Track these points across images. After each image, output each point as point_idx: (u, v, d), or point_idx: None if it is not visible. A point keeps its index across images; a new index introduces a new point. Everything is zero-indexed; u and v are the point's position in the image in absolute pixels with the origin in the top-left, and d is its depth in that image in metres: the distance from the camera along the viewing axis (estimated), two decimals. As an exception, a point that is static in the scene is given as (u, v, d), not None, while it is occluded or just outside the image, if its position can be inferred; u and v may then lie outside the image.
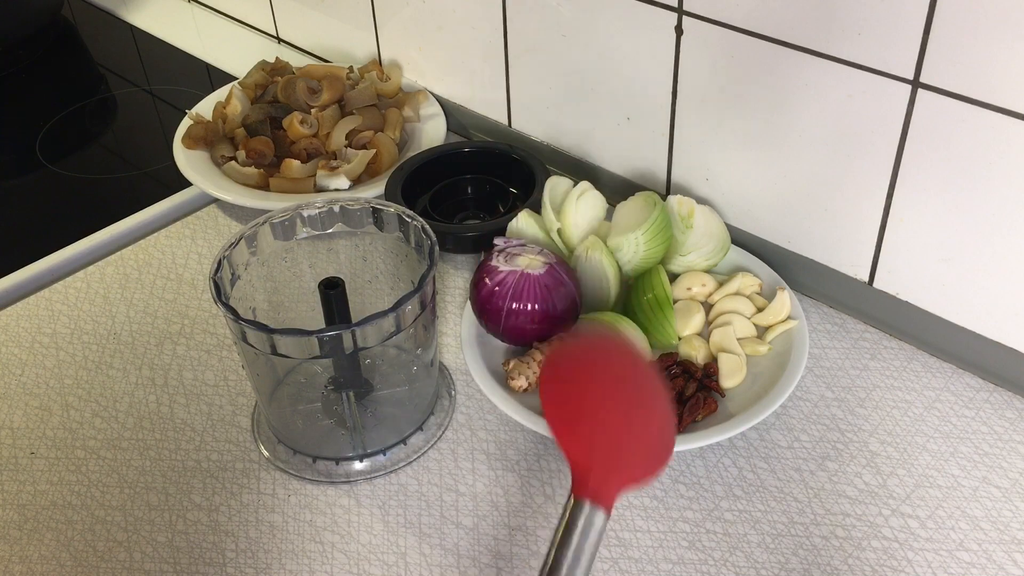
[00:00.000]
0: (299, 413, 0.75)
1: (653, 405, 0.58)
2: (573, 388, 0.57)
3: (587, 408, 0.55)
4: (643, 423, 0.57)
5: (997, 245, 0.70)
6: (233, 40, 1.28)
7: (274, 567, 0.65)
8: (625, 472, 0.54)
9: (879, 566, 0.64)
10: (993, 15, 0.63)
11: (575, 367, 0.59)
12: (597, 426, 0.55)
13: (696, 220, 0.82)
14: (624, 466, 0.54)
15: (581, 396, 0.56)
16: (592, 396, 0.56)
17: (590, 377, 0.58)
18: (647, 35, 0.82)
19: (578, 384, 0.57)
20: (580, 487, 0.52)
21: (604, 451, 0.54)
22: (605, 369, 0.59)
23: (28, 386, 0.79)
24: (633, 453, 0.55)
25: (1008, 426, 0.72)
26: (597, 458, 0.53)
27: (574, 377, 0.58)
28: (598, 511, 0.52)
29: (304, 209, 0.73)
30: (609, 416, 0.55)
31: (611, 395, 0.57)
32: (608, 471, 0.53)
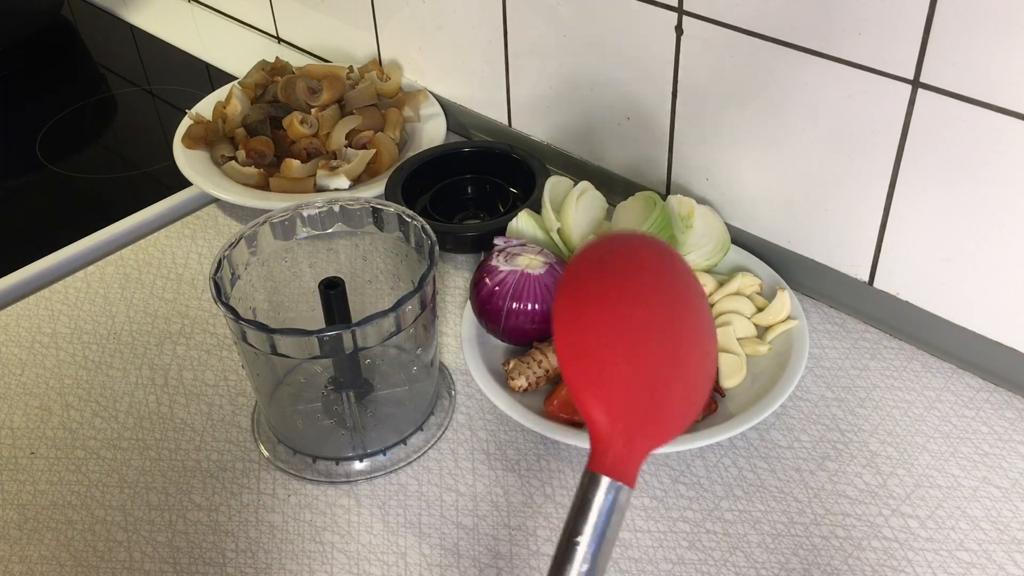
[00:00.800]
0: (299, 413, 0.75)
1: (691, 339, 0.44)
2: (596, 316, 0.43)
3: (613, 347, 0.42)
4: (678, 363, 0.43)
5: (997, 245, 0.70)
6: (233, 40, 1.28)
7: (274, 567, 0.65)
8: (654, 433, 0.43)
9: (879, 566, 0.64)
10: (993, 15, 0.63)
11: (601, 283, 0.44)
12: (624, 375, 0.42)
13: (696, 220, 0.82)
14: (652, 426, 0.42)
15: (606, 328, 0.42)
16: (620, 329, 0.43)
17: (619, 299, 0.44)
18: (647, 35, 0.82)
19: (603, 308, 0.43)
20: (600, 459, 0.42)
21: (631, 411, 0.42)
22: (639, 287, 0.44)
23: (28, 386, 0.79)
24: (664, 406, 0.43)
25: (1008, 426, 0.72)
26: (622, 421, 0.42)
27: (598, 298, 0.43)
28: (622, 488, 0.42)
29: (304, 209, 0.73)
30: (639, 359, 0.42)
31: (644, 328, 0.43)
32: (633, 436, 0.42)
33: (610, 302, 0.43)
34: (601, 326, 0.42)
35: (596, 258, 0.46)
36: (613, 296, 0.43)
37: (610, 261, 0.45)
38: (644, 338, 0.42)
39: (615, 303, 0.43)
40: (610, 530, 0.42)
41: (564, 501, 0.68)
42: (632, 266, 0.46)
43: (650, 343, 0.42)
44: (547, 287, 0.75)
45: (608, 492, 0.42)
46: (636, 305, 0.43)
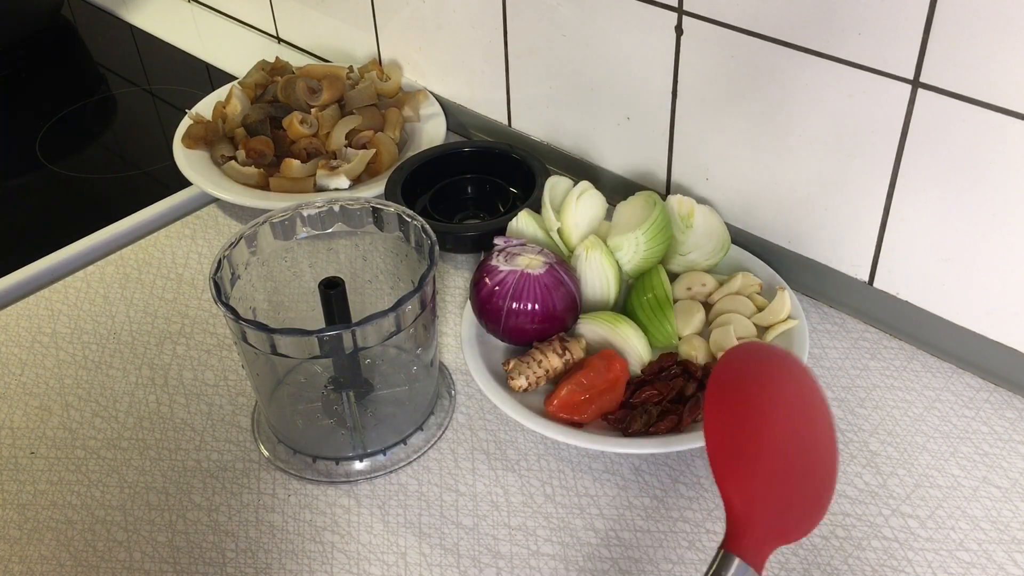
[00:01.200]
0: (299, 413, 0.75)
1: (821, 446, 0.49)
2: (742, 419, 0.47)
3: (756, 447, 0.46)
4: (809, 469, 0.48)
5: (997, 245, 0.70)
6: (233, 40, 1.28)
7: (274, 567, 0.65)
8: (784, 528, 0.47)
9: (879, 566, 0.64)
10: (993, 15, 0.63)
11: (746, 392, 0.49)
12: (766, 472, 0.46)
13: (696, 220, 0.82)
14: (784, 521, 0.46)
15: (751, 430, 0.47)
16: (763, 432, 0.47)
17: (763, 407, 0.48)
18: (647, 35, 0.83)
19: (749, 414, 0.48)
20: (735, 542, 0.45)
21: (767, 504, 0.46)
22: (780, 398, 0.49)
23: (28, 386, 0.79)
24: (795, 505, 0.47)
25: (1008, 426, 0.72)
26: (759, 512, 0.45)
27: (744, 405, 0.48)
28: (748, 570, 0.45)
29: (304, 209, 0.73)
30: (779, 459, 0.46)
31: (783, 432, 0.47)
32: (768, 527, 0.45)
33: (757, 408, 0.47)
34: (748, 428, 0.46)
35: (742, 364, 0.50)
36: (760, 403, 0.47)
37: (755, 370, 0.50)
38: (784, 442, 0.47)
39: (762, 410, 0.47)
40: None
41: (564, 501, 0.68)
42: (776, 377, 0.50)
43: (789, 447, 0.47)
44: (547, 287, 0.75)
45: (738, 573, 0.45)
46: (778, 412, 0.48)
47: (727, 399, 0.47)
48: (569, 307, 0.76)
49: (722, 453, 0.46)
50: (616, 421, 0.71)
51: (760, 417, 0.47)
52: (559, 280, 0.75)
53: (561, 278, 0.76)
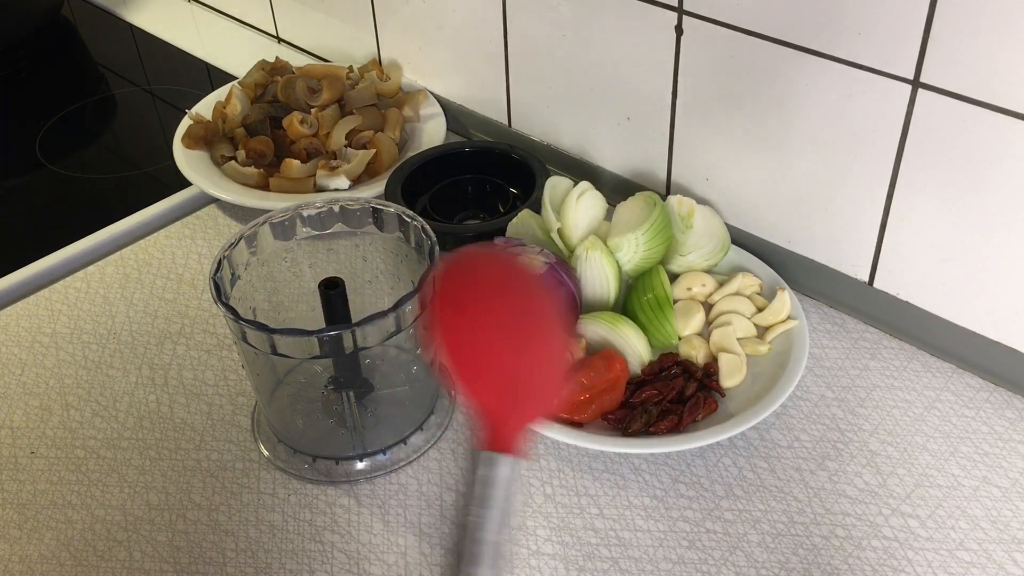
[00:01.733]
0: (299, 413, 0.75)
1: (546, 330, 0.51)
2: (470, 318, 0.50)
3: (486, 344, 0.49)
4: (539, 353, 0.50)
5: (997, 245, 0.70)
6: (233, 40, 1.28)
7: (274, 567, 0.65)
8: (524, 413, 0.49)
9: (879, 566, 0.64)
10: (993, 15, 0.63)
11: (470, 290, 0.51)
12: (498, 366, 0.49)
13: (696, 220, 0.82)
14: (523, 407, 0.49)
15: (480, 329, 0.49)
16: (491, 328, 0.49)
17: (487, 304, 0.51)
18: (647, 35, 0.83)
19: (475, 313, 0.50)
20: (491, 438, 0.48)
21: (506, 396, 0.49)
22: (500, 292, 0.52)
23: (28, 386, 0.79)
24: (531, 391, 0.50)
25: (1008, 426, 0.72)
26: (502, 401, 0.48)
27: (470, 304, 0.50)
28: (508, 460, 0.48)
29: (304, 209, 0.73)
30: (508, 351, 0.49)
31: (508, 325, 0.50)
32: (511, 412, 0.48)
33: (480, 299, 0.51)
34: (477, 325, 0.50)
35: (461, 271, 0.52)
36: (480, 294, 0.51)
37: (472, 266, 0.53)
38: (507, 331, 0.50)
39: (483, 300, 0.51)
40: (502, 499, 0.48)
41: (564, 501, 0.68)
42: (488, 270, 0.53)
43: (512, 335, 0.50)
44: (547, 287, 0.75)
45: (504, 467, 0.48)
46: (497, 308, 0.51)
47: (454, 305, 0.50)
48: (569, 307, 0.76)
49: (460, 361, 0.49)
50: (616, 421, 0.71)
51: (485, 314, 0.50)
52: (559, 280, 0.75)
53: (561, 278, 0.76)
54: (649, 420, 0.70)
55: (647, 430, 0.70)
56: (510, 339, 0.50)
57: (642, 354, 0.75)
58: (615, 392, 0.72)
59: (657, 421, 0.70)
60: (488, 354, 0.49)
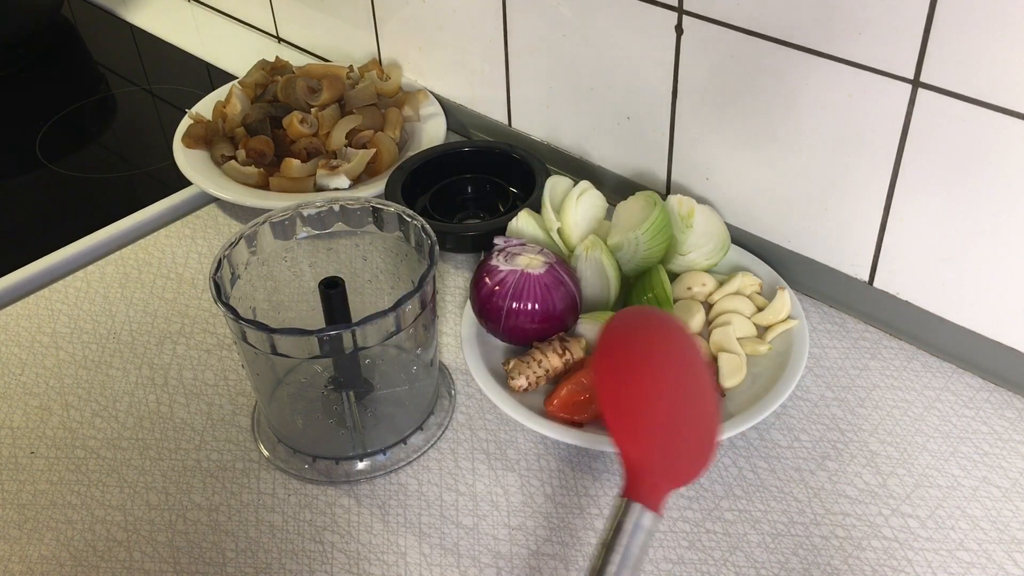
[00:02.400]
0: (299, 413, 0.75)
1: (704, 396, 0.53)
2: (629, 375, 0.51)
3: (644, 399, 0.50)
4: (695, 417, 0.52)
5: (997, 245, 0.70)
6: (233, 39, 1.28)
7: (274, 567, 0.65)
8: (676, 471, 0.50)
9: (879, 566, 0.64)
10: (993, 15, 0.63)
11: (631, 351, 0.52)
12: (654, 421, 0.50)
13: (696, 220, 0.82)
14: (676, 465, 0.50)
15: (638, 385, 0.50)
16: (649, 385, 0.51)
17: (647, 363, 0.52)
18: (647, 35, 0.83)
19: (634, 371, 0.51)
20: (634, 489, 0.49)
21: (660, 450, 0.49)
22: (662, 354, 0.53)
23: (28, 386, 0.79)
24: (684, 451, 0.51)
25: (1008, 426, 0.72)
26: (653, 458, 0.49)
27: (630, 363, 0.52)
28: (648, 512, 0.49)
29: (304, 208, 0.73)
30: (666, 409, 0.51)
31: (668, 385, 0.51)
32: (661, 471, 0.49)
33: (642, 366, 0.51)
34: (635, 385, 0.50)
35: (626, 327, 0.54)
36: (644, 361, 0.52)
37: (638, 330, 0.54)
38: (668, 395, 0.51)
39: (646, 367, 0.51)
40: (638, 549, 0.49)
41: (564, 501, 0.68)
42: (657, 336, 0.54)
43: (673, 399, 0.52)
44: (547, 287, 0.75)
45: (639, 517, 0.49)
46: (661, 368, 0.52)
47: (615, 359, 0.51)
48: (569, 307, 0.76)
49: (614, 410, 0.49)
50: (616, 421, 0.71)
51: (645, 374, 0.51)
52: (559, 280, 0.75)
53: (561, 278, 0.76)
54: (649, 420, 0.70)
55: (647, 430, 0.70)
56: (671, 399, 0.51)
57: (642, 354, 0.75)
58: (615, 392, 0.72)
59: (657, 421, 0.70)
60: (649, 411, 0.50)
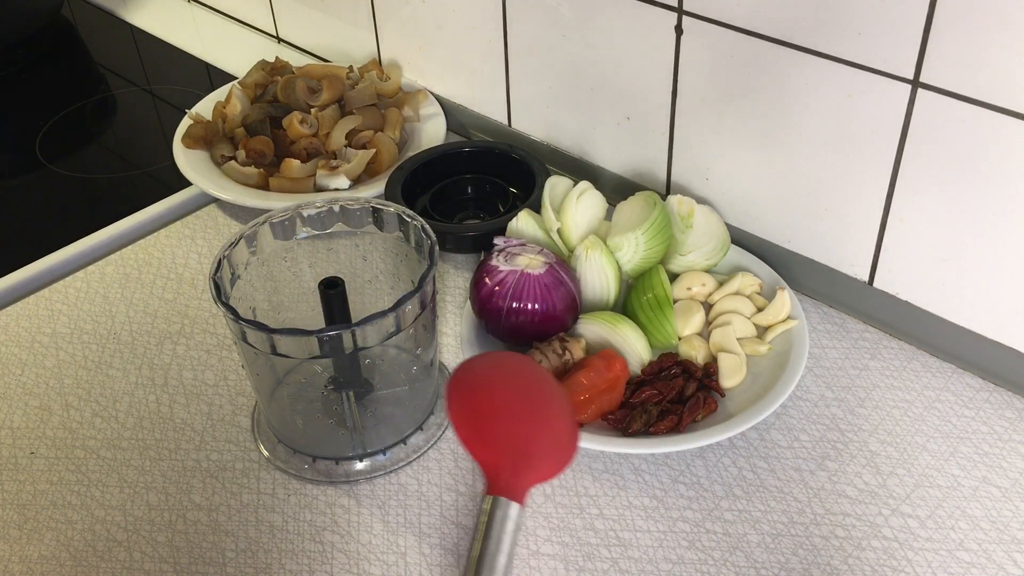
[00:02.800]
0: (299, 413, 0.75)
1: (553, 410, 0.62)
2: (477, 400, 0.61)
3: (490, 416, 0.60)
4: (545, 426, 0.61)
5: (997, 245, 0.70)
6: (233, 40, 1.28)
7: (274, 567, 0.65)
8: (533, 469, 0.59)
9: (879, 566, 0.64)
10: (993, 15, 0.63)
11: (478, 382, 0.63)
12: (501, 431, 0.60)
13: (696, 220, 0.82)
14: (531, 464, 0.59)
15: (484, 406, 0.61)
16: (494, 405, 0.61)
17: (492, 389, 0.62)
18: (647, 35, 0.83)
19: (481, 396, 0.62)
20: (492, 486, 0.57)
21: (510, 451, 0.59)
22: (505, 381, 0.64)
23: (28, 386, 0.79)
24: (538, 452, 0.60)
25: (1008, 426, 0.72)
26: (504, 458, 0.58)
27: (477, 390, 0.62)
28: (512, 504, 0.57)
29: (304, 209, 0.73)
30: (512, 422, 0.60)
31: (512, 404, 0.62)
32: (516, 469, 0.58)
33: (484, 392, 0.62)
34: (480, 406, 0.61)
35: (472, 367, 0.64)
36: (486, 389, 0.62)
37: (482, 367, 0.65)
38: (512, 412, 0.61)
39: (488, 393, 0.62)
40: (509, 536, 0.56)
41: (564, 501, 0.68)
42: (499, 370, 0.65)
43: (517, 414, 0.61)
44: (547, 287, 0.75)
45: (506, 508, 0.56)
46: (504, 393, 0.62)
47: (461, 391, 0.61)
48: (569, 307, 0.76)
49: (465, 427, 0.59)
50: (616, 421, 0.71)
51: (487, 399, 0.61)
52: (559, 280, 0.75)
53: (561, 278, 0.76)
54: (649, 420, 0.70)
55: (647, 430, 0.70)
56: (514, 414, 0.61)
57: (642, 354, 0.75)
58: (615, 392, 0.72)
59: (657, 421, 0.70)
60: (493, 425, 0.60)
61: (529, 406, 0.62)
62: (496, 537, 0.56)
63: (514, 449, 0.59)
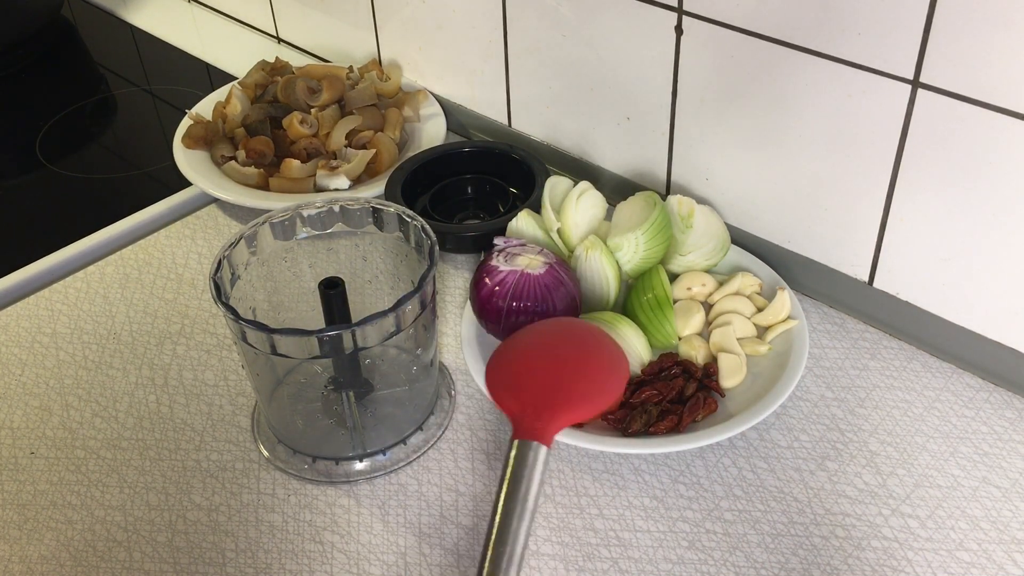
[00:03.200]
0: (299, 413, 0.75)
1: (592, 361, 0.65)
2: (511, 358, 0.65)
3: (520, 371, 0.64)
4: (578, 374, 0.64)
5: (997, 245, 0.70)
6: (233, 40, 1.28)
7: (274, 567, 0.65)
8: (563, 411, 0.61)
9: (879, 566, 0.64)
10: (993, 15, 0.63)
11: (515, 343, 0.67)
12: (526, 381, 0.63)
13: (696, 220, 0.82)
14: (560, 406, 0.61)
15: (516, 363, 0.64)
16: (526, 361, 0.65)
17: (526, 347, 0.66)
18: (647, 35, 0.83)
19: (514, 354, 0.66)
20: (517, 430, 0.59)
21: (533, 399, 0.61)
22: (541, 339, 0.67)
23: (28, 386, 0.79)
24: (566, 398, 0.62)
25: (1008, 426, 0.72)
26: (527, 406, 0.60)
27: (512, 349, 0.66)
28: (534, 445, 0.59)
29: (304, 209, 0.73)
30: (539, 373, 0.63)
31: (544, 357, 0.65)
32: (539, 413, 0.60)
33: (521, 346, 0.66)
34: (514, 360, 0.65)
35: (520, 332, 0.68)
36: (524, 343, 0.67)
37: (527, 328, 0.69)
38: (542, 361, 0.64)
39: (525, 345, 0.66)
40: (538, 475, 0.58)
41: (564, 501, 0.68)
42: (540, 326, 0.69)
43: (546, 363, 0.64)
44: (547, 287, 0.75)
45: (535, 449, 0.58)
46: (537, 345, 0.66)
47: (500, 357, 0.65)
48: (569, 307, 0.76)
49: (496, 385, 0.63)
50: (616, 421, 0.71)
51: (521, 352, 0.65)
52: (559, 280, 0.75)
53: (561, 278, 0.76)
54: (649, 420, 0.70)
55: (647, 430, 0.70)
56: (545, 365, 0.64)
57: (642, 354, 0.75)
58: (615, 392, 0.72)
59: (657, 421, 0.70)
60: (518, 377, 0.63)
61: (561, 358, 0.64)
62: (518, 476, 0.57)
63: (538, 396, 0.61)
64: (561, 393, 0.62)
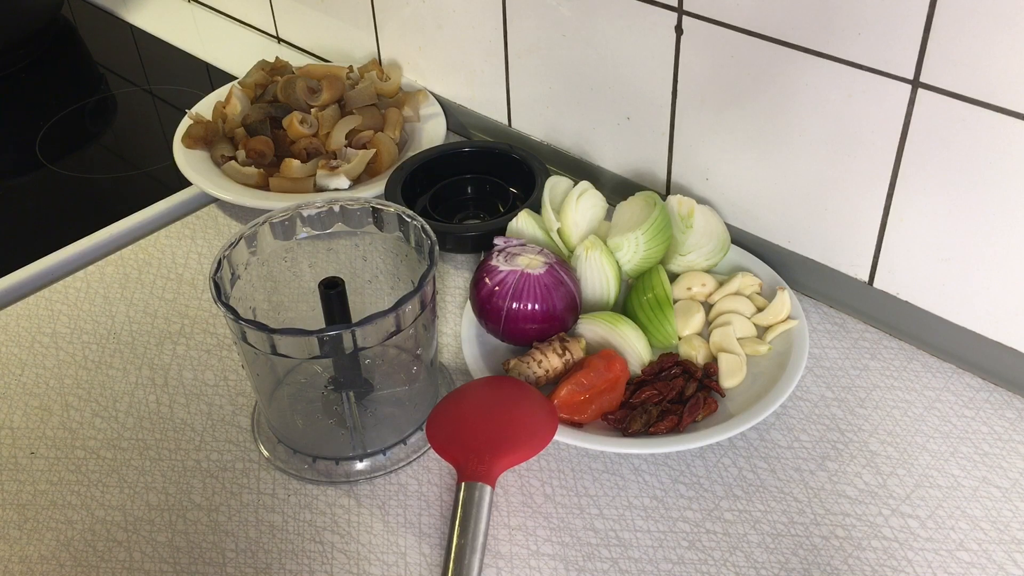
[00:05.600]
0: (299, 413, 0.75)
1: (523, 408, 0.70)
2: (447, 416, 0.70)
3: (457, 424, 0.69)
4: (513, 421, 0.70)
5: (997, 245, 0.70)
6: (233, 40, 1.28)
7: (274, 567, 0.65)
8: (502, 453, 0.66)
9: (879, 566, 0.64)
10: (993, 15, 0.63)
11: (449, 403, 0.72)
12: (465, 433, 0.68)
13: (696, 220, 0.82)
14: (498, 449, 0.66)
15: (453, 419, 0.70)
16: (461, 415, 0.70)
17: (459, 404, 0.71)
18: (647, 35, 0.83)
19: (451, 412, 0.71)
20: (463, 475, 0.65)
21: (474, 447, 0.66)
22: (473, 396, 0.72)
23: (28, 386, 0.79)
24: (505, 442, 0.67)
25: (1008, 426, 0.72)
26: (471, 452, 0.66)
27: (448, 409, 0.71)
28: (484, 486, 0.64)
29: (304, 209, 0.73)
30: (476, 424, 0.69)
31: (478, 411, 0.70)
32: (483, 457, 0.66)
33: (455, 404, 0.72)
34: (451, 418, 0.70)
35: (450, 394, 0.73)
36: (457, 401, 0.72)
37: (456, 392, 0.74)
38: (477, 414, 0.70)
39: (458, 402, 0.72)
40: (485, 513, 0.64)
41: (564, 501, 0.68)
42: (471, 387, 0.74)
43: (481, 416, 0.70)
44: (547, 287, 0.75)
45: (480, 490, 0.64)
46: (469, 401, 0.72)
47: (438, 415, 0.70)
48: (569, 307, 0.76)
49: (438, 442, 0.68)
50: (616, 421, 0.71)
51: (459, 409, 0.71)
52: (559, 280, 0.75)
53: (561, 278, 0.76)
54: (649, 420, 0.70)
55: (647, 430, 0.70)
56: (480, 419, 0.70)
57: (642, 354, 0.75)
58: (615, 392, 0.72)
59: (657, 421, 0.70)
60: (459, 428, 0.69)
61: (495, 410, 0.70)
62: (467, 515, 0.63)
63: (480, 443, 0.67)
64: (499, 438, 0.68)
